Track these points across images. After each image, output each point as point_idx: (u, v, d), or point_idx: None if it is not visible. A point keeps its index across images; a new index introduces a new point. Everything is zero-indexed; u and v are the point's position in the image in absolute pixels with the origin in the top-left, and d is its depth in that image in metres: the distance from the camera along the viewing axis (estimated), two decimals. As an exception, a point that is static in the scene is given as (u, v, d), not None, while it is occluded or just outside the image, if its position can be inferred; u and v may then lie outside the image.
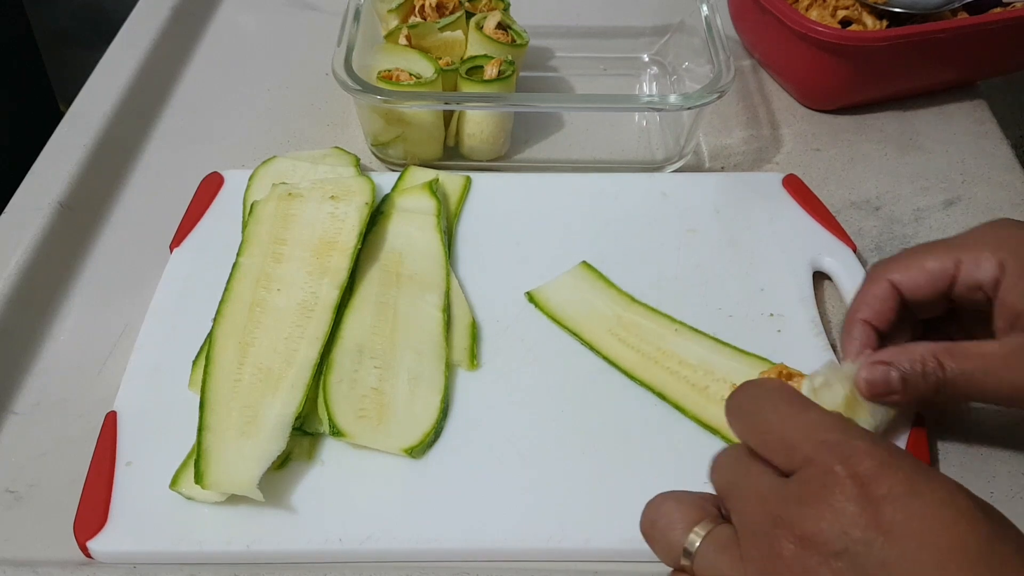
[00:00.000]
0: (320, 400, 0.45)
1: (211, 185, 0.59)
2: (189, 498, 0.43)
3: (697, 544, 0.31)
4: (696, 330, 0.50)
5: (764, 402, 0.33)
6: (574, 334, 0.50)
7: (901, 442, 0.45)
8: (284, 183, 0.55)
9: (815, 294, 0.53)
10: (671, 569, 0.33)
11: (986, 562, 0.27)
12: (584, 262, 0.54)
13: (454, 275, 0.53)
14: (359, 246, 0.51)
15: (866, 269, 0.54)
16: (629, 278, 0.53)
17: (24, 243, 0.54)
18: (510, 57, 0.62)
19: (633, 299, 0.52)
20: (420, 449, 0.45)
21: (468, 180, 0.60)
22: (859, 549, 0.27)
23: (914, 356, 0.40)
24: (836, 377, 0.42)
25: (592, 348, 0.50)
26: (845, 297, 0.53)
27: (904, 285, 0.43)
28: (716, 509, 0.33)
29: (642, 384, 0.48)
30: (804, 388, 0.42)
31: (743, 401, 0.34)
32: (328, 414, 0.44)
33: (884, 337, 0.44)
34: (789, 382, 0.43)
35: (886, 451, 0.29)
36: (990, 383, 0.39)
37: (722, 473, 0.33)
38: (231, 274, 0.50)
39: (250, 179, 0.58)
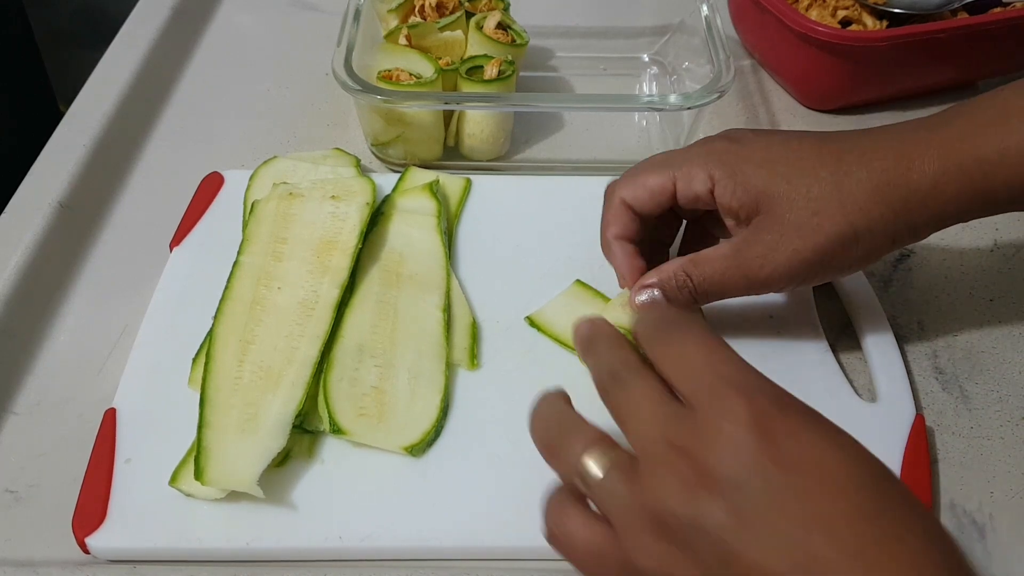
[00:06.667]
0: (320, 398, 0.45)
1: (211, 185, 0.59)
2: (188, 495, 0.43)
3: (595, 470, 0.32)
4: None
5: (683, 328, 0.33)
6: None
7: (900, 442, 0.46)
8: (285, 183, 0.55)
9: (814, 295, 0.53)
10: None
11: (868, 492, 0.28)
12: (578, 280, 0.53)
13: (455, 276, 0.53)
14: (360, 246, 0.51)
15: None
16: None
17: (24, 243, 0.54)
18: (510, 57, 0.62)
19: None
20: (420, 448, 0.45)
21: (468, 182, 0.60)
22: (750, 478, 0.28)
23: (668, 274, 0.45)
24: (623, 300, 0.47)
25: None
26: (844, 298, 0.53)
27: (632, 202, 0.46)
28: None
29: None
30: (607, 313, 0.47)
31: (660, 324, 0.34)
32: (328, 412, 0.44)
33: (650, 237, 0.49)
34: None
35: (781, 392, 0.31)
36: (729, 280, 0.44)
37: (626, 401, 0.33)
38: (232, 272, 0.50)
39: (251, 179, 0.58)
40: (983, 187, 0.42)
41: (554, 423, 0.35)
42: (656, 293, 0.45)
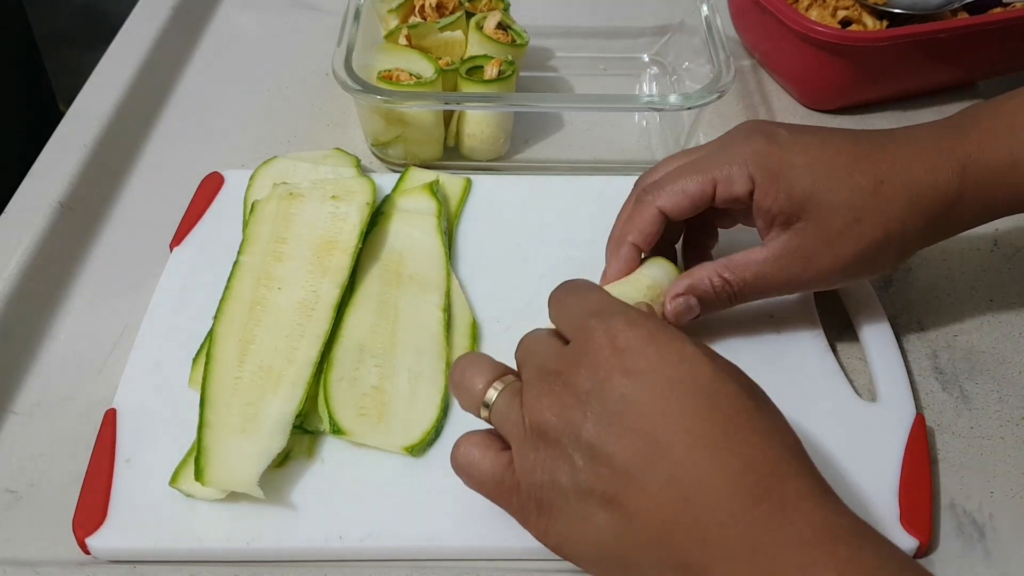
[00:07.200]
0: (320, 398, 0.45)
1: (211, 185, 0.59)
2: (189, 495, 0.43)
3: (494, 397, 0.38)
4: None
5: (574, 289, 0.40)
6: None
7: (900, 442, 0.46)
8: (285, 183, 0.55)
9: (814, 295, 0.53)
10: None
11: (703, 393, 0.33)
12: None
13: (455, 276, 0.53)
14: (360, 246, 0.51)
15: None
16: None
17: (24, 243, 0.54)
18: (510, 57, 0.62)
19: None
20: (420, 448, 0.45)
21: (468, 182, 0.60)
22: (604, 386, 0.34)
23: (703, 279, 0.47)
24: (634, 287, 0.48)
25: None
26: (844, 298, 0.53)
27: (670, 211, 0.47)
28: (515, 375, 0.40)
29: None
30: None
31: (560, 289, 0.41)
32: (328, 412, 0.45)
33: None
34: None
35: (637, 315, 0.36)
36: (768, 283, 0.47)
37: (524, 346, 0.39)
38: (232, 272, 0.50)
39: (251, 179, 0.58)
40: (998, 195, 0.46)
41: (465, 364, 0.40)
42: (692, 301, 0.47)
